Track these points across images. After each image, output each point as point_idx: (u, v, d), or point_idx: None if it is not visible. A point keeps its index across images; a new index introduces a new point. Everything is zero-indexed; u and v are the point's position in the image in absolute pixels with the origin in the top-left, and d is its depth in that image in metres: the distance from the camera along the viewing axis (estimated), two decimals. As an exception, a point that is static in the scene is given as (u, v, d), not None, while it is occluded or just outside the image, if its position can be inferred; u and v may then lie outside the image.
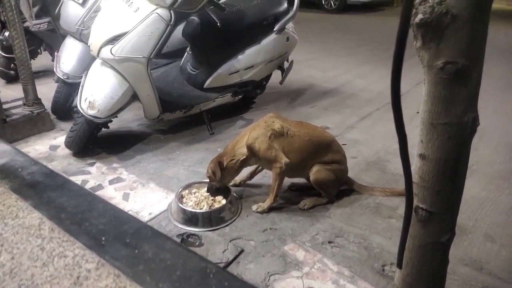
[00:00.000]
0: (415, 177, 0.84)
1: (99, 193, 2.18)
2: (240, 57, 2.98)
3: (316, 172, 2.06)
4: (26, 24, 3.08)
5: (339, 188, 2.17)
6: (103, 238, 1.56)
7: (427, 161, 0.79)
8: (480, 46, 0.71)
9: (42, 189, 1.87)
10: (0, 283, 1.30)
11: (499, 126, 3.16)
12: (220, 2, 2.82)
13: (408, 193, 0.81)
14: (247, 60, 3.00)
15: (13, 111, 2.83)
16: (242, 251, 1.76)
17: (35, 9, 3.29)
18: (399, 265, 1.30)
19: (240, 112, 3.30)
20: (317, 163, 2.06)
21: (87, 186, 2.22)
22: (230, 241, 1.82)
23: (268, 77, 3.42)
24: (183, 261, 1.47)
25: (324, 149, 2.10)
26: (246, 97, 3.35)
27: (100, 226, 1.64)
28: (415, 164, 0.85)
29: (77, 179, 2.28)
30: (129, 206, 2.05)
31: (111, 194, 2.17)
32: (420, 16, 0.69)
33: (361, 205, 2.10)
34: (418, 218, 0.84)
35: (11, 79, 3.72)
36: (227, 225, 1.93)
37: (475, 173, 2.42)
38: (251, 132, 2.03)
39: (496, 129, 3.09)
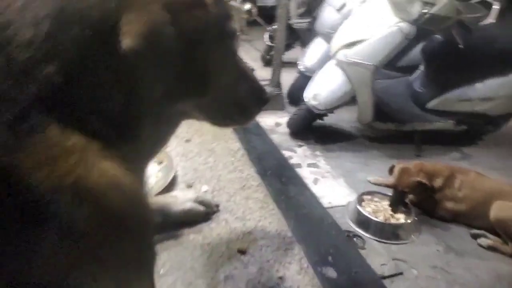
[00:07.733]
0: None
1: (296, 170, 2.51)
2: (477, 85, 2.70)
3: None
4: (290, 21, 3.70)
5: None
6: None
7: None
8: None
9: None
10: None
11: None
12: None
13: None
14: (486, 91, 2.69)
15: (259, 88, 3.51)
16: (401, 273, 1.72)
17: (301, 10, 3.90)
18: None
19: (458, 143, 3.01)
20: None
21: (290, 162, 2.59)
22: (393, 259, 1.80)
23: (509, 116, 2.95)
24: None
25: None
26: (471, 130, 3.01)
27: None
28: None
29: (284, 154, 2.68)
30: (315, 189, 2.29)
31: (305, 175, 2.46)
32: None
33: None
34: None
35: (266, 63, 4.57)
36: (395, 244, 1.91)
37: None
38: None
39: None
